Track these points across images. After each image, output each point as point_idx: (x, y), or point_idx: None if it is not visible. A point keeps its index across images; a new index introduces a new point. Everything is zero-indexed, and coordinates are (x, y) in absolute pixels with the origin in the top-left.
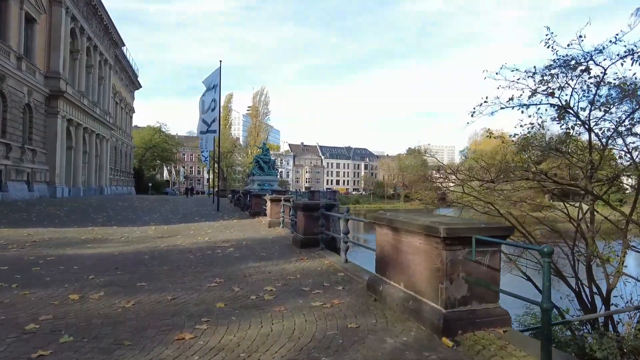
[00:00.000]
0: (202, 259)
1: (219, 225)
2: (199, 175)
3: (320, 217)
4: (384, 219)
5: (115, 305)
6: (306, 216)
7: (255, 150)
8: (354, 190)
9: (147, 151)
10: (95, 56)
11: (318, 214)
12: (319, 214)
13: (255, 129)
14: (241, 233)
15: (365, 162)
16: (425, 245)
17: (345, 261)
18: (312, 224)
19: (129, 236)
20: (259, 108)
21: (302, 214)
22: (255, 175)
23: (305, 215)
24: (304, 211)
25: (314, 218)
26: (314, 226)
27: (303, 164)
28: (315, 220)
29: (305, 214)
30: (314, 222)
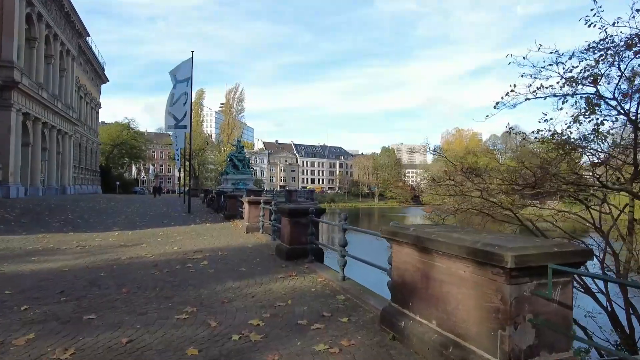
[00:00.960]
0: (170, 276)
1: (191, 230)
2: (169, 174)
3: (310, 224)
4: (407, 235)
5: (45, 357)
6: (293, 223)
7: (229, 148)
8: (329, 189)
9: (115, 148)
10: (56, 46)
11: (307, 221)
12: (309, 221)
13: (229, 126)
14: (216, 240)
15: (340, 161)
16: (476, 275)
17: (342, 278)
18: (299, 232)
19: (87, 245)
20: (233, 105)
21: (287, 221)
22: (229, 174)
23: (292, 222)
24: (290, 217)
25: (302, 225)
26: (301, 234)
27: (278, 163)
28: (303, 228)
29: (292, 221)
30: (301, 230)
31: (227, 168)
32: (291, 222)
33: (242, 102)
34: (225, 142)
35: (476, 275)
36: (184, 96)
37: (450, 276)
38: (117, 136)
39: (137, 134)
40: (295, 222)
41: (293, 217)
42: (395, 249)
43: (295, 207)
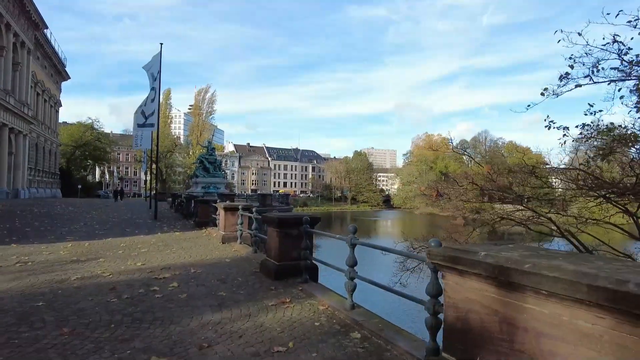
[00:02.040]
0: (130, 304)
1: (158, 240)
2: (135, 177)
3: (304, 236)
4: (478, 263)
5: None
6: (282, 235)
7: (198, 150)
8: (302, 193)
9: (77, 150)
10: (8, 37)
11: (300, 232)
12: (302, 233)
13: (198, 127)
14: (187, 253)
15: (312, 164)
16: (621, 333)
17: (351, 306)
18: (290, 246)
19: (30, 261)
20: (203, 106)
21: (276, 232)
22: (199, 177)
23: (282, 234)
24: (279, 228)
25: (294, 237)
26: (293, 248)
27: (249, 166)
28: (295, 241)
29: (281, 232)
30: (293, 243)
31: (197, 171)
32: (280, 233)
33: (213, 104)
34: (194, 144)
35: (621, 334)
36: (152, 92)
37: (559, 329)
38: (80, 137)
39: (102, 135)
40: (285, 233)
41: (283, 228)
42: (452, 280)
43: (286, 216)
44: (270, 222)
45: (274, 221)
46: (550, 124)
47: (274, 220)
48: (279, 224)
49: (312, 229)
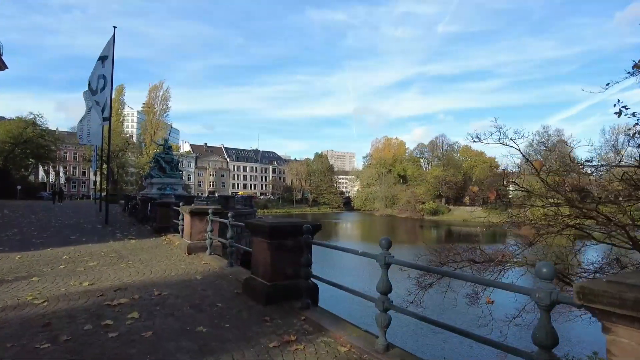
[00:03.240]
0: (70, 352)
1: (110, 250)
2: (84, 177)
3: (305, 249)
4: None
5: None
6: (275, 247)
7: (152, 150)
8: (262, 195)
9: (17, 147)
10: None
11: (298, 244)
12: (301, 244)
13: (152, 126)
14: (147, 267)
15: (273, 166)
16: None
17: (385, 348)
18: (286, 262)
19: None
20: (157, 103)
21: (266, 244)
22: (155, 178)
23: (273, 247)
24: (271, 239)
25: (290, 251)
26: (288, 264)
27: (207, 167)
28: (292, 255)
29: (273, 244)
30: (289, 258)
31: (152, 171)
32: (272, 246)
33: (167, 101)
34: (148, 143)
35: None
36: (102, 80)
37: None
38: (20, 134)
39: (45, 132)
40: (278, 246)
41: (276, 239)
42: (626, 335)
43: (280, 224)
44: (258, 231)
45: (264, 230)
46: (622, 110)
47: (264, 229)
48: (270, 233)
49: (313, 238)
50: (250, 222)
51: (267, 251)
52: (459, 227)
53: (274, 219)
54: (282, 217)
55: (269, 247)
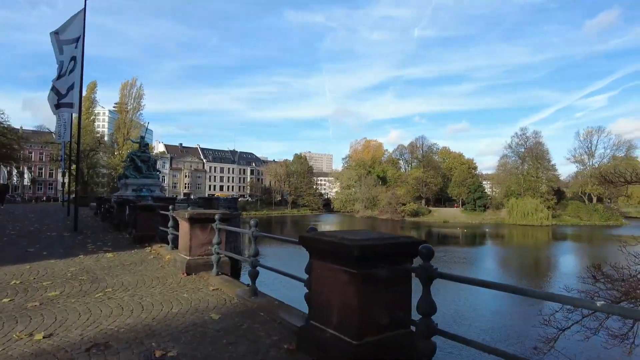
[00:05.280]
0: None
1: (79, 269)
2: (51, 178)
3: (408, 283)
4: None
5: None
6: (364, 280)
7: (125, 149)
8: (240, 197)
9: None
10: None
11: (400, 274)
12: (406, 274)
13: (125, 125)
14: (134, 299)
15: (251, 167)
16: None
17: None
18: (381, 303)
19: None
20: (130, 101)
21: (349, 276)
22: (130, 178)
23: (361, 279)
24: (360, 267)
25: (386, 285)
26: (385, 308)
27: (182, 168)
28: (388, 292)
29: (362, 275)
30: (385, 298)
31: (127, 170)
32: (360, 278)
33: (141, 99)
34: (120, 143)
35: None
36: (72, 62)
37: None
38: None
39: (8, 130)
40: (368, 277)
41: (367, 267)
42: None
43: (373, 243)
44: (332, 252)
45: (344, 252)
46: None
47: (344, 249)
48: (360, 257)
49: (429, 261)
50: (312, 237)
51: (351, 286)
52: (439, 228)
53: (367, 235)
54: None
55: (353, 279)
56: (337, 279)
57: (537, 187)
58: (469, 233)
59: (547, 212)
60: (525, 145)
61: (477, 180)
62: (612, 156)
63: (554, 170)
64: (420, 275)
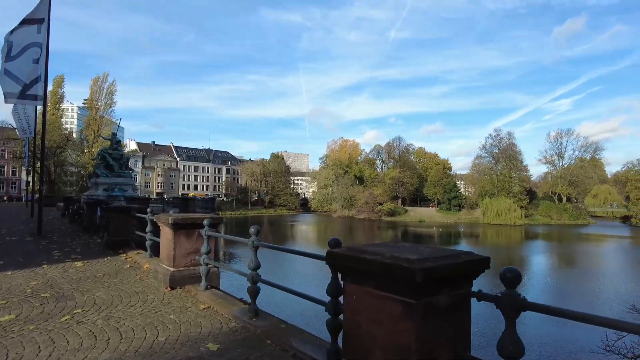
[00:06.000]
0: None
1: (42, 283)
2: (14, 177)
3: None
4: None
5: None
6: (423, 312)
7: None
8: (216, 196)
9: None
10: None
11: (462, 297)
12: (466, 297)
13: (96, 121)
14: (109, 325)
15: (227, 166)
16: None
17: None
18: (441, 340)
19: None
20: (101, 97)
21: (403, 306)
22: (101, 177)
23: (421, 310)
24: (419, 295)
25: (446, 316)
26: (445, 346)
27: (155, 166)
28: (449, 325)
29: (421, 306)
30: (448, 333)
31: (97, 169)
32: (420, 309)
33: (113, 95)
34: (90, 140)
35: None
36: (36, 48)
37: None
38: None
39: None
40: (429, 307)
41: (429, 294)
42: None
43: (437, 264)
44: (379, 275)
45: (401, 275)
46: None
47: (403, 272)
48: (423, 280)
49: (515, 289)
50: (348, 255)
51: (406, 320)
52: (415, 228)
53: (388, 247)
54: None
55: (409, 311)
56: (385, 310)
57: (511, 187)
58: (445, 232)
59: (520, 211)
60: (499, 146)
61: (452, 181)
62: (579, 158)
63: (526, 170)
64: (505, 306)
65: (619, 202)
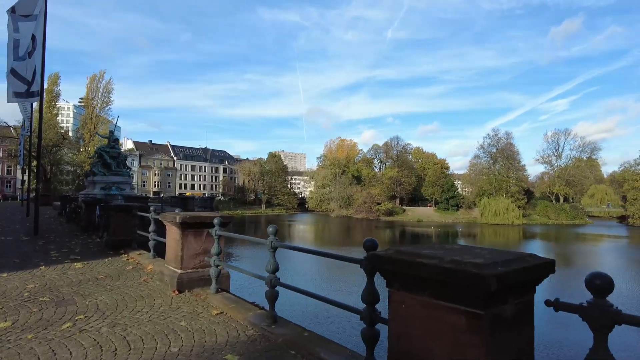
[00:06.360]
0: None
1: (40, 286)
2: (9, 176)
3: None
4: None
5: None
6: (491, 326)
7: (92, 146)
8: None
9: None
10: None
11: (526, 307)
12: (528, 306)
13: (92, 120)
14: (115, 333)
15: (224, 165)
16: None
17: None
18: (510, 354)
19: None
20: (98, 96)
21: (468, 318)
22: (98, 176)
23: (488, 324)
24: (487, 305)
25: (513, 325)
26: None
27: (151, 165)
28: (516, 336)
29: (491, 318)
30: (514, 346)
31: (94, 167)
32: (487, 323)
33: (110, 93)
34: (87, 139)
35: None
36: (31, 42)
37: None
38: None
39: None
40: (498, 320)
41: (499, 304)
42: None
43: (506, 268)
44: (438, 282)
45: (468, 282)
46: None
47: (471, 279)
48: (497, 289)
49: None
50: (397, 259)
51: (471, 334)
52: (412, 227)
53: (441, 249)
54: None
55: (475, 324)
56: (444, 322)
57: (508, 187)
58: (442, 232)
59: (518, 211)
60: (497, 145)
61: (449, 180)
62: (575, 158)
63: (524, 170)
64: (594, 318)
65: (616, 202)
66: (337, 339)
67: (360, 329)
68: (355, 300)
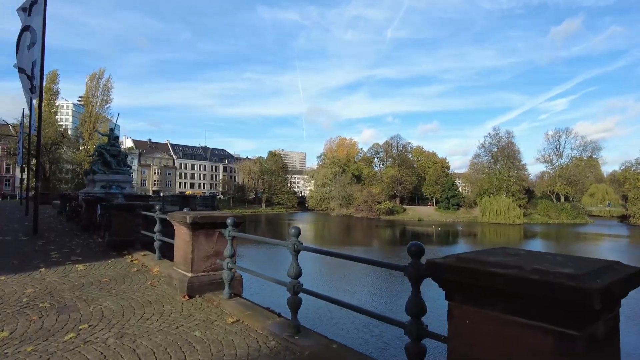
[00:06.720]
0: None
1: (40, 290)
2: (8, 174)
3: None
4: None
5: None
6: (589, 346)
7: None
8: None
9: None
10: None
11: (612, 322)
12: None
13: (91, 118)
14: (123, 345)
15: (224, 164)
16: None
17: None
18: None
19: None
20: (97, 94)
21: (551, 340)
22: (98, 174)
23: (586, 345)
24: (585, 326)
25: (602, 345)
26: None
27: (151, 164)
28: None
29: (585, 341)
30: None
31: (95, 166)
32: (589, 345)
33: (109, 91)
34: (86, 137)
35: None
36: (29, 34)
37: None
38: None
39: None
40: (597, 344)
41: (597, 321)
42: None
43: (612, 280)
44: (518, 295)
45: (561, 297)
46: None
47: (565, 292)
48: (607, 300)
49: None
50: (460, 267)
51: (563, 359)
52: (413, 227)
53: (506, 255)
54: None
55: (567, 347)
56: (523, 343)
57: (509, 186)
58: (443, 231)
59: (519, 210)
60: (498, 144)
61: (450, 179)
62: (575, 157)
63: (525, 169)
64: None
65: (616, 202)
66: (362, 350)
67: (404, 344)
68: (384, 308)
